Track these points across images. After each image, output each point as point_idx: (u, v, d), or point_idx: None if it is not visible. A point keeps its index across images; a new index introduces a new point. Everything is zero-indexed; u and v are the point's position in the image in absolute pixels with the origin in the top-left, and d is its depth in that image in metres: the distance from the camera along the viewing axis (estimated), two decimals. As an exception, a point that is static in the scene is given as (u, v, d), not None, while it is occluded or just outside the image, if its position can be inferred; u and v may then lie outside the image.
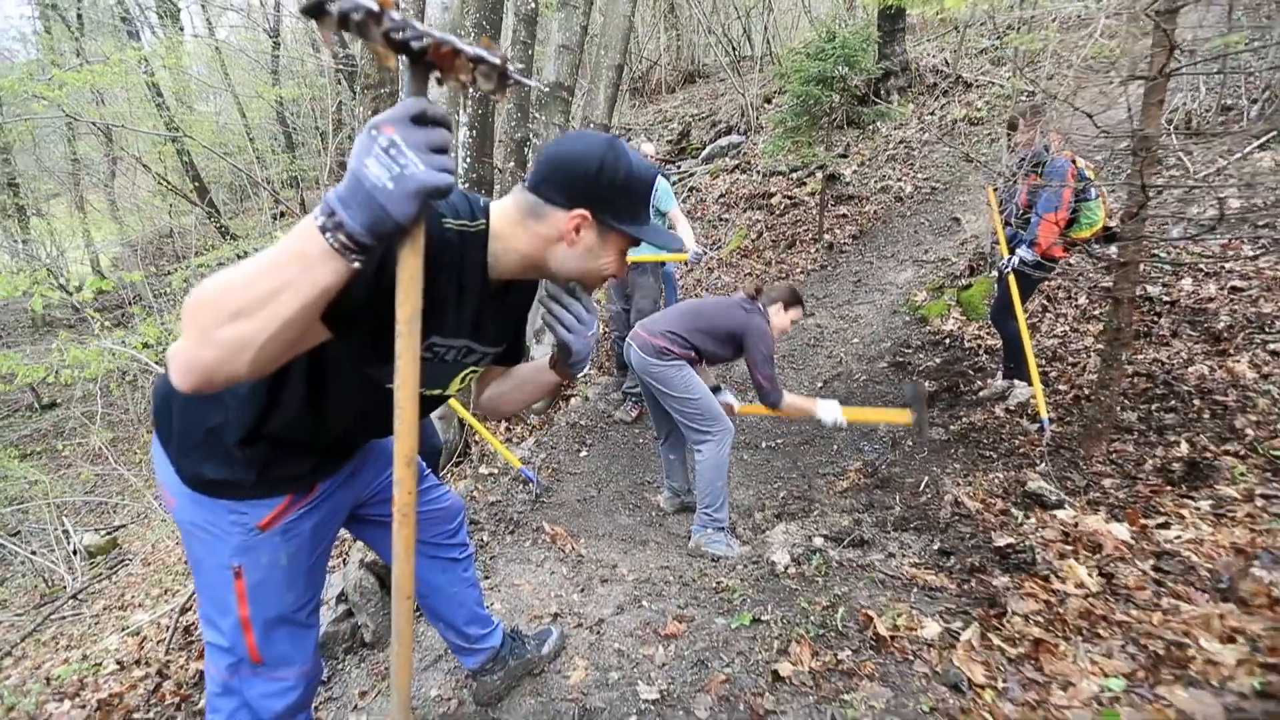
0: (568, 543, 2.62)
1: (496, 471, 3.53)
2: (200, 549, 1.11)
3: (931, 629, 1.69)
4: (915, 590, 1.93)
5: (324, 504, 1.21)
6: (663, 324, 2.76)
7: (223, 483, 1.07)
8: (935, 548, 2.23)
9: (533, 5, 5.10)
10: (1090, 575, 1.79)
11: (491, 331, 1.12)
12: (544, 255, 1.03)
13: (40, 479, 6.75)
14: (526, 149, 5.28)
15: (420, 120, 0.73)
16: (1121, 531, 2.07)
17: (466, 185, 5.33)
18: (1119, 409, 2.97)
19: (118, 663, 2.70)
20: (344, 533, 1.46)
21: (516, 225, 1.01)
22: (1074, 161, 3.30)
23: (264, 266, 0.74)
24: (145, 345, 6.08)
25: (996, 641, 1.61)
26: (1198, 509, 2.27)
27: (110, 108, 14.11)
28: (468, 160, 5.34)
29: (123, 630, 3.55)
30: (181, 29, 15.84)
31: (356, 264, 0.75)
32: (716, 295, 3.22)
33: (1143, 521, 2.17)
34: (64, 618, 4.74)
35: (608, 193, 0.99)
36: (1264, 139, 4.96)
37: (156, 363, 5.51)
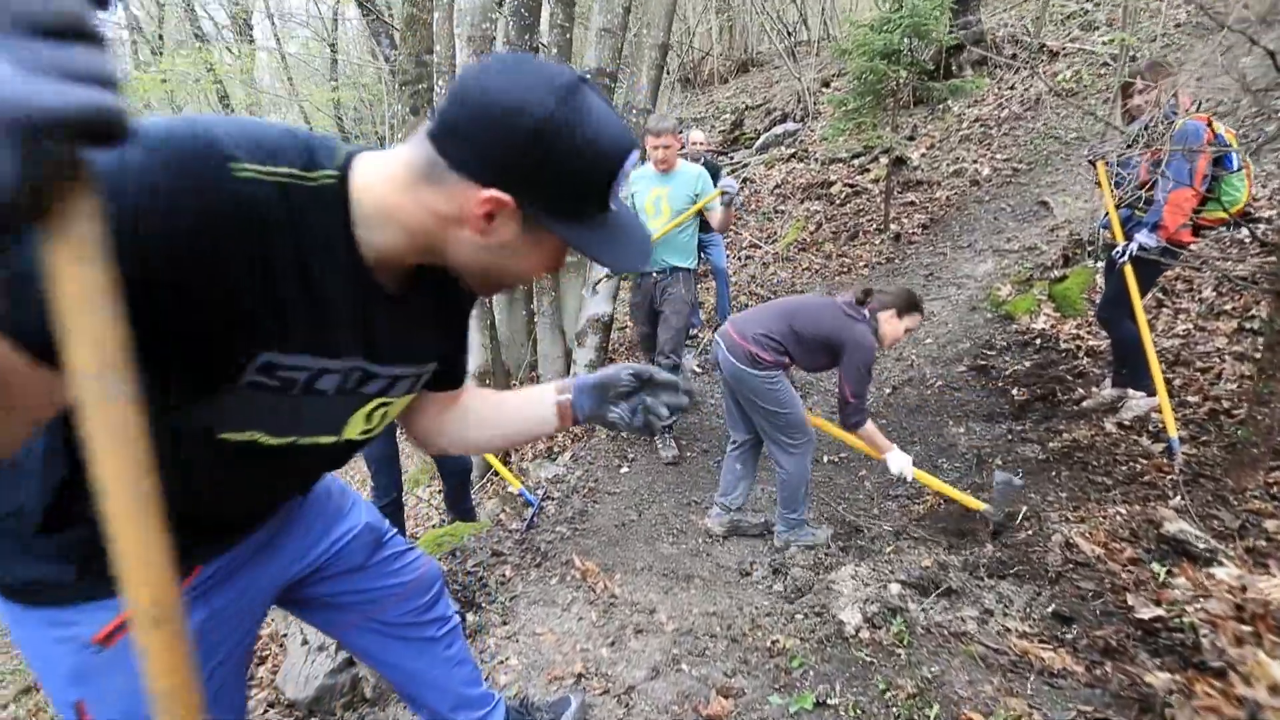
0: (600, 580, 2.30)
1: (533, 486, 3.25)
2: (44, 684, 0.82)
3: (1061, 740, 1.27)
4: (1030, 675, 1.50)
5: (213, 593, 0.87)
6: (755, 324, 2.49)
7: (36, 585, 0.76)
8: (1049, 610, 1.78)
9: (571, -14, 4.80)
10: (1287, 674, 1.32)
11: (400, 345, 0.79)
12: (438, 237, 0.69)
13: None
14: (566, 140, 4.99)
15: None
16: (1312, 601, 1.56)
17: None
18: (1279, 430, 2.39)
19: None
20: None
21: (403, 188, 0.67)
22: (1209, 125, 2.72)
23: None
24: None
25: (1161, 771, 1.18)
26: None
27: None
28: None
29: None
30: (253, 41, 16.51)
31: None
32: (814, 295, 2.84)
33: (1336, 585, 1.65)
34: None
35: (544, 174, 0.65)
36: None
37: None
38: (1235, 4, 2.16)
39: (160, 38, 15.98)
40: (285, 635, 2.18)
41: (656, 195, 3.44)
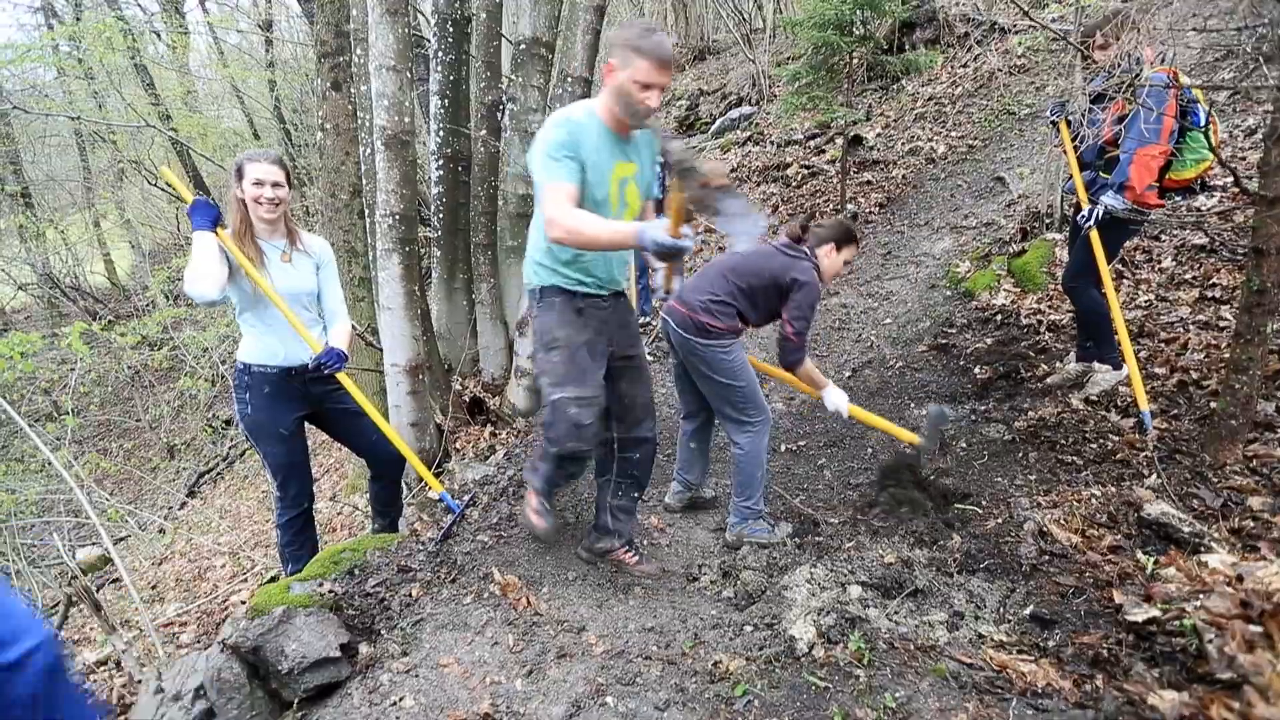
0: (522, 596, 2.00)
1: (457, 490, 2.92)
2: None
3: (1053, 785, 1.03)
4: (1011, 696, 1.26)
5: None
6: (700, 291, 2.39)
7: None
8: (1027, 612, 1.55)
9: (500, -55, 4.45)
10: (1310, 686, 1.10)
11: None
12: None
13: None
14: (499, 114, 4.63)
15: None
16: (1319, 591, 1.36)
17: (440, 160, 4.72)
18: (1257, 399, 2.22)
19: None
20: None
21: None
22: (1175, 79, 2.54)
23: None
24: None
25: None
26: None
27: (108, 112, 13.83)
28: (440, 134, 4.73)
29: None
30: (187, 31, 15.48)
31: None
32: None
33: (1338, 569, 1.46)
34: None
35: None
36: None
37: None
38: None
39: (78, 20, 14.90)
40: (140, 681, 1.82)
41: (623, 175, 1.94)
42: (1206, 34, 2.09)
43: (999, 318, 3.99)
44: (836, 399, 2.48)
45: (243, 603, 3.17)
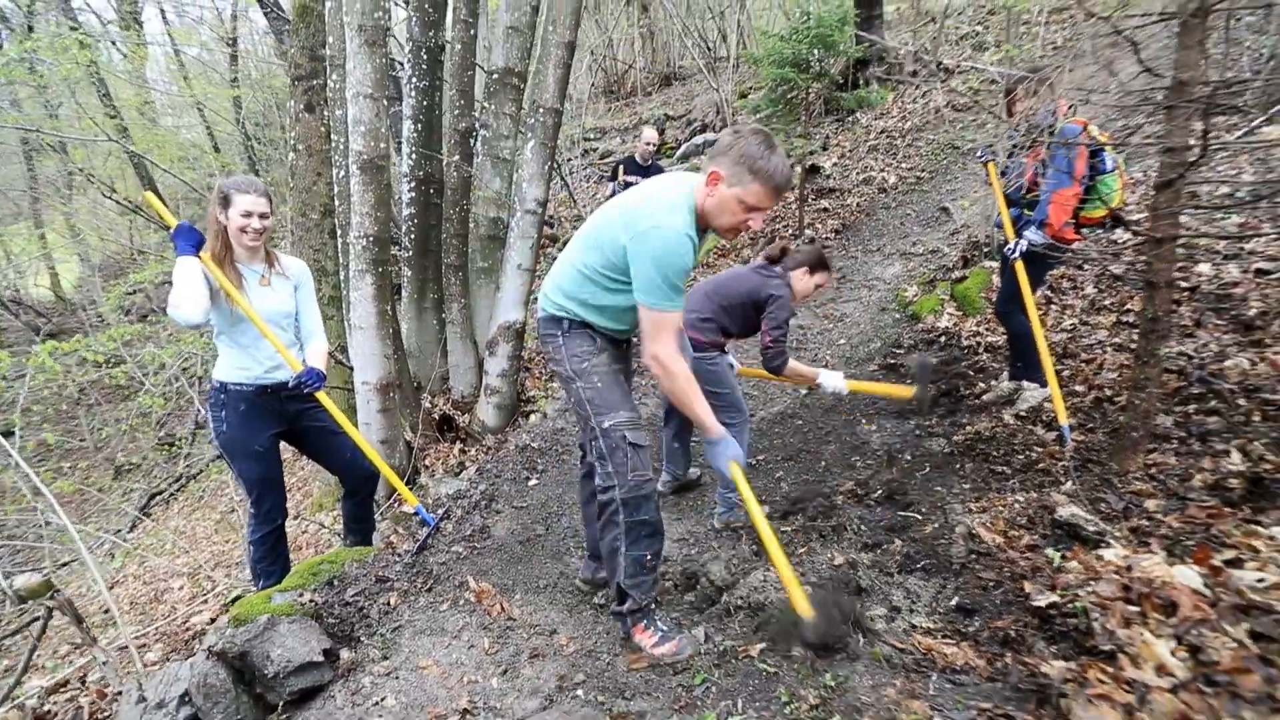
0: (496, 603, 2.11)
1: (431, 504, 3.01)
2: None
3: (962, 743, 1.21)
4: (933, 674, 1.44)
5: None
6: (687, 309, 2.60)
7: None
8: (953, 603, 1.75)
9: (474, -20, 4.63)
10: (1172, 654, 1.31)
11: None
12: None
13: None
14: (472, 140, 4.79)
15: None
16: (1191, 578, 1.59)
17: (412, 183, 4.83)
18: (1155, 414, 2.51)
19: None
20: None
21: None
22: (1085, 128, 2.86)
23: None
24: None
25: (1058, 768, 1.13)
26: (1272, 539, 1.81)
27: (63, 122, 13.45)
28: (413, 156, 4.84)
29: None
30: (145, 42, 15.19)
31: None
32: (729, 270, 3.03)
33: (1211, 559, 1.70)
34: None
35: None
36: (1271, 112, 4.58)
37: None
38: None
39: (30, 29, 14.51)
40: (120, 693, 1.87)
41: None
42: (1113, 91, 2.38)
43: (943, 339, 4.29)
44: (832, 382, 2.73)
45: (211, 621, 3.17)
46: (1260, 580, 1.59)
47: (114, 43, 15.15)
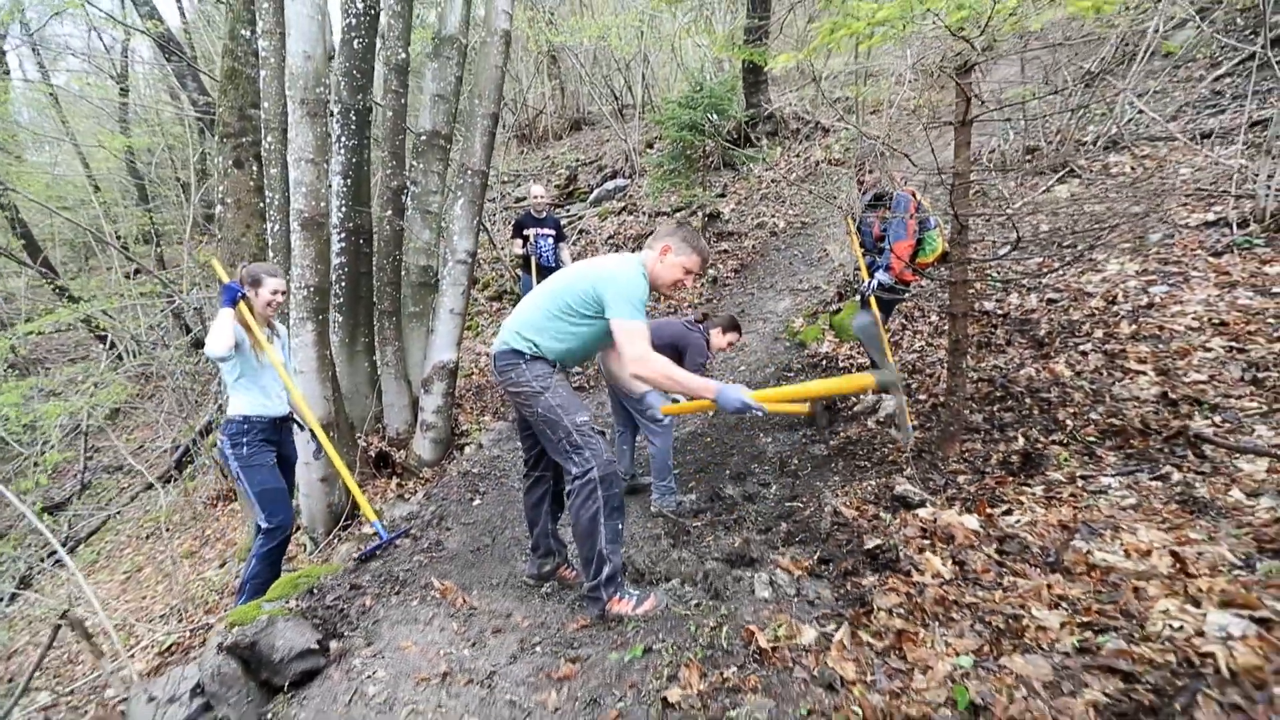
0: (458, 597, 2.51)
1: (388, 524, 3.33)
2: None
3: (809, 635, 1.77)
4: (795, 600, 2.02)
5: None
6: None
7: None
8: (817, 557, 2.34)
9: (403, 55, 5.10)
10: (945, 565, 1.95)
11: None
12: None
13: None
14: (404, 197, 5.18)
15: None
16: (972, 522, 2.28)
17: (342, 234, 5.13)
18: (968, 412, 3.30)
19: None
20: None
21: None
22: (914, 196, 3.71)
23: None
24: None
25: (865, 638, 1.71)
26: (1033, 494, 2.55)
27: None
28: (343, 209, 5.15)
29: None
30: (7, 73, 14.26)
31: None
32: (665, 319, 3.89)
33: (989, 511, 2.40)
34: None
35: None
36: (1060, 174, 5.84)
37: None
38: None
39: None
40: (128, 699, 2.11)
41: None
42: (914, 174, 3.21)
43: (824, 362, 5.07)
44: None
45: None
46: (1017, 521, 2.30)
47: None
